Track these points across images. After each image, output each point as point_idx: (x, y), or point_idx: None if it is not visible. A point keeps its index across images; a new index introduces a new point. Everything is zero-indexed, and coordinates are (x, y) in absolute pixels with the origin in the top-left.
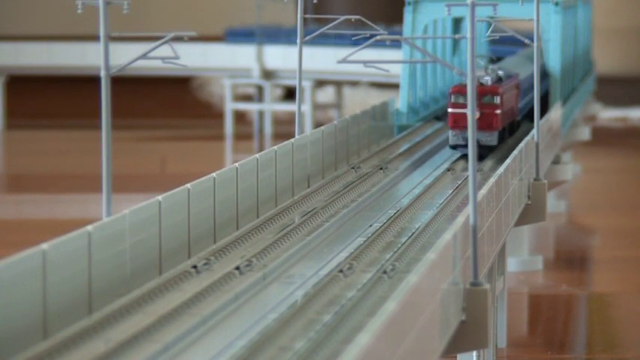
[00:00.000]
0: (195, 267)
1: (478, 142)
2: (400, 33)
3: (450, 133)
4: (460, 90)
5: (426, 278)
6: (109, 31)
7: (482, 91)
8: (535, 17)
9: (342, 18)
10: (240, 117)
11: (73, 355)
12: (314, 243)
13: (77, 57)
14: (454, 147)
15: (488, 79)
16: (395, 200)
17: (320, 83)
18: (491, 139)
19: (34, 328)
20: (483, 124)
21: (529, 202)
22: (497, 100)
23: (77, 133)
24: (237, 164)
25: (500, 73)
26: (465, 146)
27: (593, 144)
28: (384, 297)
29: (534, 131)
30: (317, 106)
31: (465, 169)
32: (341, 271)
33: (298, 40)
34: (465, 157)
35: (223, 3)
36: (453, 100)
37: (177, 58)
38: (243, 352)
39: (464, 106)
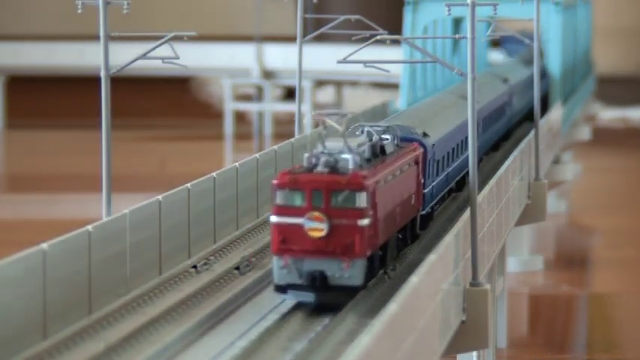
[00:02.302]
0: (195, 267)
1: (325, 277)
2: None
3: (275, 263)
4: (294, 181)
5: (426, 279)
6: (109, 31)
7: (332, 184)
8: (535, 17)
9: (342, 18)
10: (240, 117)
11: (72, 354)
12: None
13: (77, 57)
14: (283, 289)
15: (348, 159)
16: None
17: (320, 83)
18: (350, 274)
19: (34, 328)
20: (335, 246)
21: (529, 202)
22: (363, 200)
23: (77, 133)
24: (237, 164)
25: (386, 139)
26: (305, 288)
27: (593, 144)
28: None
29: (534, 131)
30: (317, 106)
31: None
32: None
33: (298, 40)
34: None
35: (223, 3)
36: (279, 199)
37: (177, 58)
38: (242, 353)
39: (301, 211)
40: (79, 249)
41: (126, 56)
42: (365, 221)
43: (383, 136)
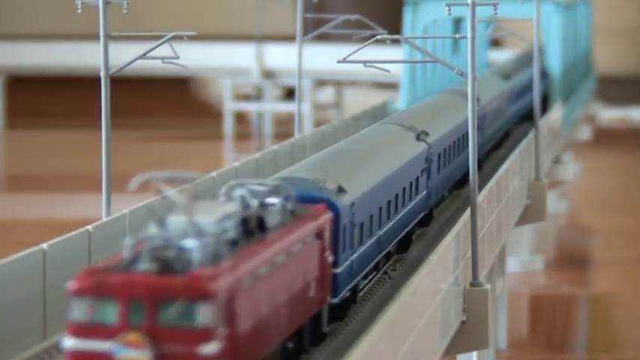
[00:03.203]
0: None
1: None
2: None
3: None
4: (101, 285)
5: (426, 279)
6: (109, 31)
7: (160, 290)
8: (535, 17)
9: (342, 18)
10: (240, 117)
11: None
12: None
13: (77, 57)
14: None
15: (192, 248)
16: None
17: (320, 83)
18: None
19: (33, 328)
20: None
21: (529, 202)
22: (208, 314)
23: (77, 133)
24: (236, 164)
25: (271, 204)
26: None
27: (594, 144)
28: None
29: (534, 131)
30: (317, 106)
31: None
32: None
33: (298, 40)
34: None
35: (223, 3)
36: (78, 313)
37: (177, 57)
38: None
39: (112, 331)
40: (79, 248)
41: (126, 56)
42: (211, 346)
43: (267, 201)
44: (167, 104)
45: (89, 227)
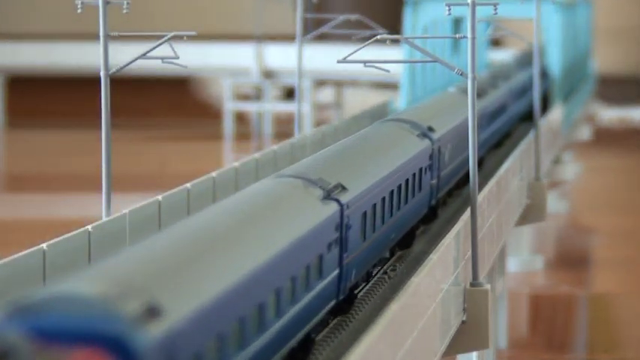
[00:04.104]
0: None
1: None
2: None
3: None
4: None
5: (426, 279)
6: (109, 31)
7: None
8: (535, 17)
9: (342, 18)
10: (240, 117)
11: None
12: None
13: (77, 57)
14: None
15: None
16: None
17: (320, 83)
18: None
19: None
20: None
21: (529, 202)
22: None
23: (77, 133)
24: (236, 164)
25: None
26: None
27: (594, 144)
28: None
29: (534, 131)
30: (317, 106)
31: None
32: None
33: (298, 40)
34: None
35: (223, 3)
36: None
37: (176, 57)
38: None
39: None
40: (79, 249)
41: (126, 56)
42: None
43: None
44: (167, 104)
45: (89, 227)
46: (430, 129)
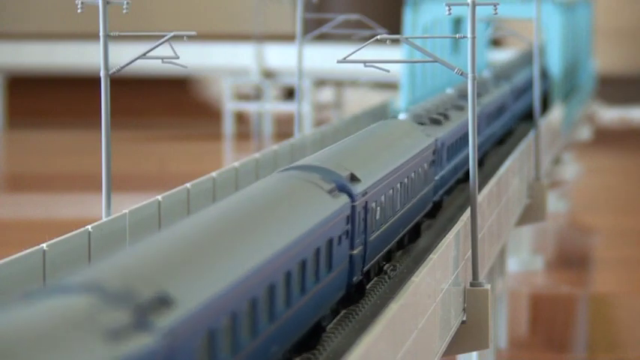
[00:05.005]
0: None
1: None
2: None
3: None
4: None
5: (426, 279)
6: (109, 31)
7: None
8: (535, 17)
9: (342, 18)
10: (240, 117)
11: None
12: None
13: (77, 57)
14: None
15: None
16: None
17: (320, 83)
18: None
19: None
20: None
21: (529, 202)
22: None
23: (77, 133)
24: (236, 164)
25: None
26: None
27: (594, 144)
28: None
29: (534, 131)
30: (317, 106)
31: None
32: None
33: (298, 40)
34: None
35: (223, 3)
36: None
37: (176, 57)
38: None
39: None
40: (79, 249)
41: (126, 56)
42: None
43: None
44: (167, 104)
45: (89, 227)
46: (353, 178)
